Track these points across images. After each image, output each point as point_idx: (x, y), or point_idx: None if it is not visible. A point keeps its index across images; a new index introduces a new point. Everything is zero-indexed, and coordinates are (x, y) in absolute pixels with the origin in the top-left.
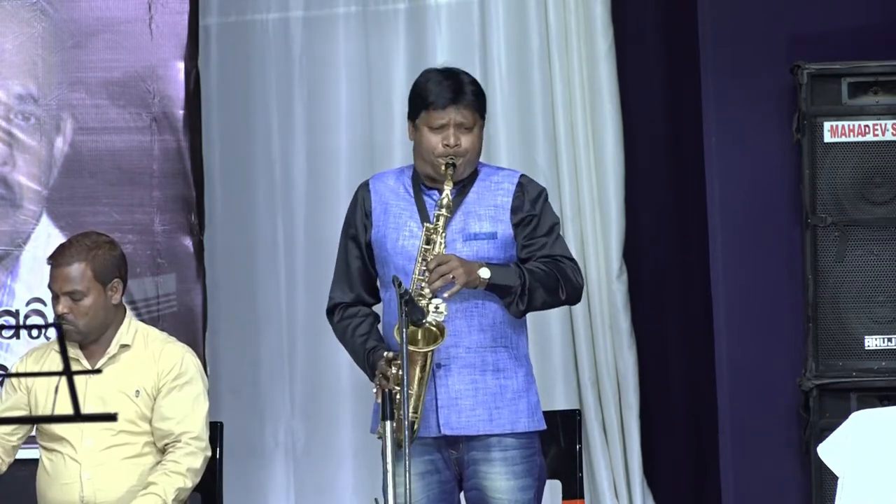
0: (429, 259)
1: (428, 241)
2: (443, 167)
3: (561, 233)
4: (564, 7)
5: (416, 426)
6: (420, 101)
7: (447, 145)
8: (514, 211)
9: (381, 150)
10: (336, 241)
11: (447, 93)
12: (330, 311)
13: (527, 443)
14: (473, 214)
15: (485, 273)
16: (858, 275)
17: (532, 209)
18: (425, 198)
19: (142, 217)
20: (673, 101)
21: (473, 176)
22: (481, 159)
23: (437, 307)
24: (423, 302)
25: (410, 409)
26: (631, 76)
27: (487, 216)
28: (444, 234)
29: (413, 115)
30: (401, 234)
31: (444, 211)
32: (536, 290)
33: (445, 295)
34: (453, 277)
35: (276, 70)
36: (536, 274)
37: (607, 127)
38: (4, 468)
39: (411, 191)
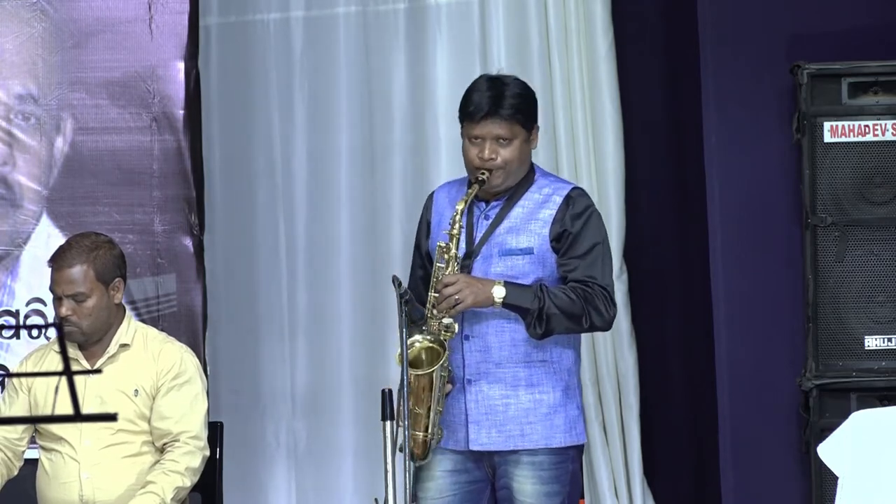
0: (438, 279)
1: (442, 261)
2: (473, 181)
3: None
4: (564, 7)
5: (431, 444)
6: (463, 110)
7: (481, 158)
8: (553, 224)
9: (382, 150)
10: (337, 240)
11: (485, 105)
12: None
13: (558, 450)
14: (514, 230)
15: (499, 292)
16: (858, 275)
17: (571, 226)
18: (473, 207)
19: (142, 217)
20: (673, 100)
21: (525, 188)
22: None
23: (447, 327)
24: (434, 323)
25: (421, 429)
26: (631, 76)
27: (527, 230)
28: (456, 254)
29: (461, 122)
30: None
31: (455, 230)
32: (555, 316)
33: (450, 316)
34: (457, 300)
35: (277, 70)
36: (559, 299)
37: (607, 127)
38: (15, 472)
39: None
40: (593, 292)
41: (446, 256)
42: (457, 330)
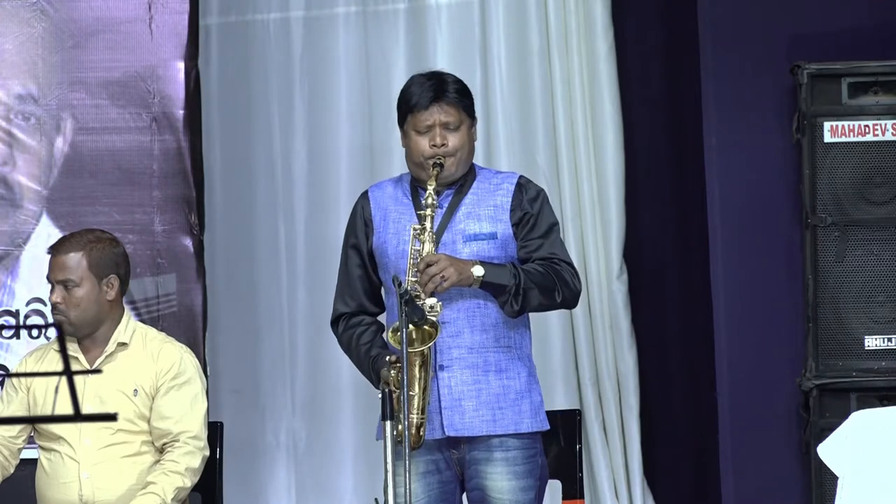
0: (418, 260)
1: (417, 243)
2: (430, 167)
3: (562, 235)
4: (564, 7)
5: (423, 428)
6: (405, 105)
7: (434, 145)
8: (512, 210)
9: (382, 150)
10: (337, 240)
11: (429, 93)
12: (334, 322)
13: (529, 443)
14: (473, 215)
15: (478, 271)
16: (858, 275)
17: (529, 209)
18: (422, 201)
19: (142, 217)
20: (673, 101)
21: (472, 178)
22: (482, 163)
23: (431, 307)
24: (419, 302)
25: (416, 411)
26: (631, 76)
27: (487, 216)
28: (432, 234)
29: (401, 121)
30: (400, 238)
31: (429, 211)
32: (531, 291)
33: (435, 294)
34: (443, 277)
35: (277, 70)
36: (532, 275)
37: (607, 127)
38: (12, 470)
39: (409, 196)
40: (560, 268)
41: (421, 238)
42: (441, 308)
